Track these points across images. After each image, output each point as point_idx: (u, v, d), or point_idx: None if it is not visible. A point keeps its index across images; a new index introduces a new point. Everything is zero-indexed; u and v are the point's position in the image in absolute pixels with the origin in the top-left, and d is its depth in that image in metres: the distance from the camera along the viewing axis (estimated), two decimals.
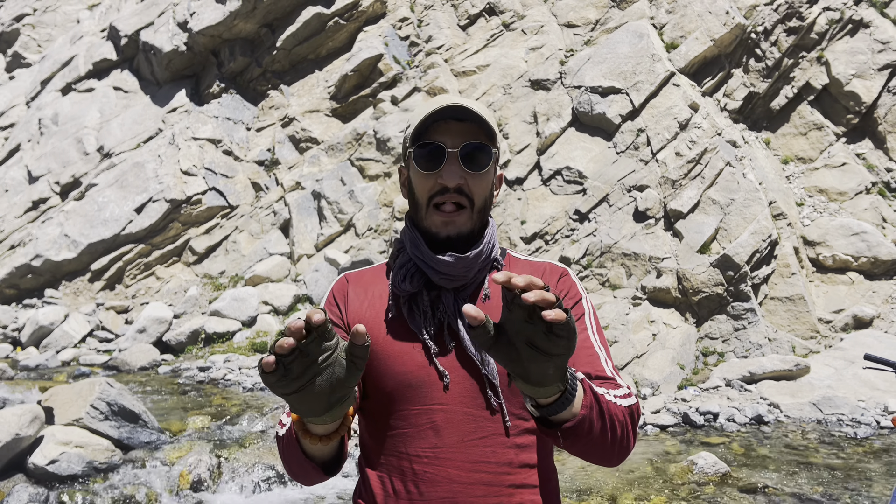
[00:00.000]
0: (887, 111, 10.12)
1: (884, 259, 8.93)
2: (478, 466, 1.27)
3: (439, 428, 1.27)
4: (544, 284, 0.92)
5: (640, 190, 9.84)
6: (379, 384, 1.31)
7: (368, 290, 1.41)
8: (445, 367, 1.29)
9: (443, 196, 1.31)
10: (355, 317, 1.37)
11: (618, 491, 4.95)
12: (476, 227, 1.35)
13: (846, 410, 6.55)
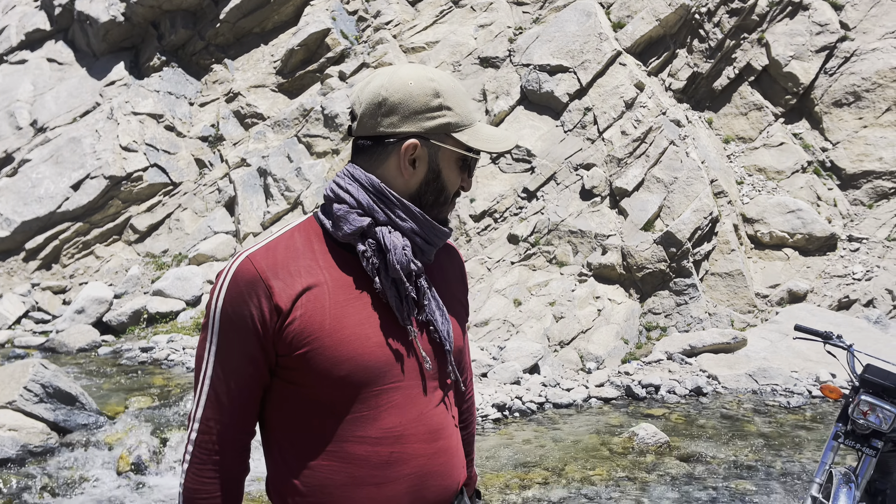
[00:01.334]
0: (823, 92, 10.43)
1: (817, 236, 9.26)
2: (437, 435, 1.29)
3: (399, 406, 1.25)
4: None
5: (587, 168, 9.96)
6: (332, 371, 1.20)
7: (301, 274, 1.23)
8: (402, 344, 1.27)
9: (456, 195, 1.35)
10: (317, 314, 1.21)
11: (561, 463, 5.05)
12: None
13: (780, 381, 6.81)
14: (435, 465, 1.29)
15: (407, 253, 1.25)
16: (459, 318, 1.41)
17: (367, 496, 1.24)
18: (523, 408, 6.37)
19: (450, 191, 1.31)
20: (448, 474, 1.32)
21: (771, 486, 4.58)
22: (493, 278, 9.52)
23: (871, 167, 9.93)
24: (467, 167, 1.33)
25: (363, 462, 1.23)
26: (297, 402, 1.26)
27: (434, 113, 1.26)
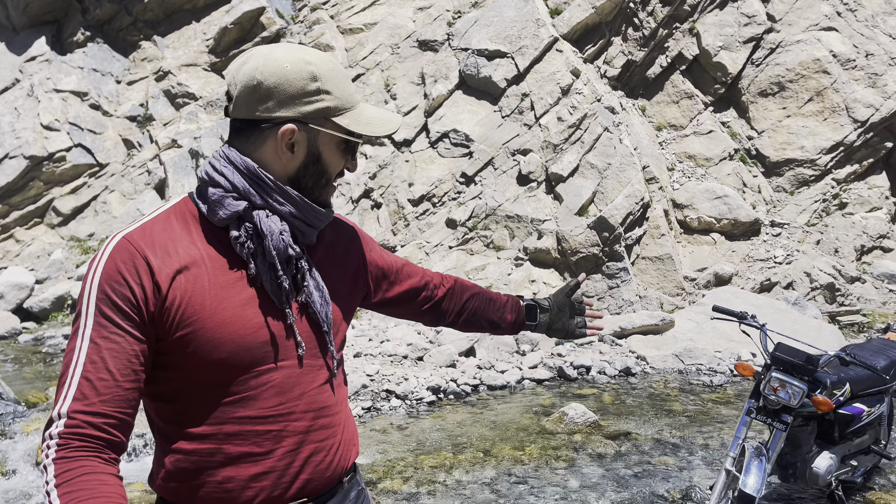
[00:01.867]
0: (750, 82, 10.78)
1: (743, 221, 9.60)
2: (320, 413, 1.30)
3: (279, 386, 1.25)
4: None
5: (524, 154, 10.05)
6: (212, 353, 1.18)
7: (179, 254, 1.20)
8: (283, 326, 1.26)
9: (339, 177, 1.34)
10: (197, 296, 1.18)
11: (492, 443, 5.12)
12: None
13: (704, 361, 7.06)
14: (317, 442, 1.29)
15: (284, 238, 1.23)
16: (344, 296, 1.40)
17: (247, 474, 1.23)
18: (458, 390, 6.43)
19: (331, 174, 1.30)
20: (334, 451, 1.33)
21: (692, 461, 4.76)
22: (430, 263, 9.54)
23: (793, 155, 10.34)
24: (351, 150, 1.31)
25: (243, 442, 1.22)
26: (174, 388, 1.22)
27: (311, 97, 1.23)
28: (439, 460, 4.77)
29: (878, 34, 10.84)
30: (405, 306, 1.63)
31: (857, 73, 10.48)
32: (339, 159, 1.30)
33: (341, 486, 1.37)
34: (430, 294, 1.66)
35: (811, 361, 3.41)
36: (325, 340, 1.31)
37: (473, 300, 1.73)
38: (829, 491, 3.91)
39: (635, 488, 4.34)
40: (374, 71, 11.30)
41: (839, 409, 3.71)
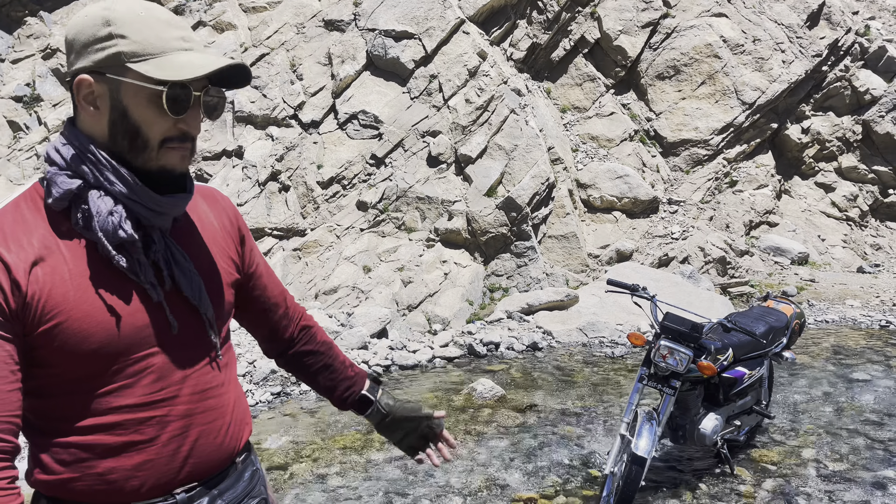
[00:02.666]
0: (648, 66, 11.21)
1: (642, 199, 10.02)
2: (205, 395, 1.27)
3: (159, 371, 1.21)
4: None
5: (433, 136, 10.10)
6: (82, 345, 1.13)
7: (34, 245, 1.12)
8: (154, 309, 1.21)
9: (180, 141, 1.17)
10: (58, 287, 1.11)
11: None
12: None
13: (607, 333, 7.37)
14: (204, 424, 1.26)
15: (114, 220, 1.13)
16: (222, 273, 1.34)
17: (130, 464, 1.19)
18: (369, 372, 6.45)
19: (148, 135, 1.14)
20: (223, 433, 1.30)
21: (594, 429, 4.99)
22: (342, 246, 9.49)
23: (688, 136, 10.86)
24: (178, 106, 1.14)
25: (124, 431, 1.18)
26: (48, 383, 1.16)
27: (103, 43, 1.12)
28: (349, 442, 4.81)
29: (765, 20, 11.48)
30: (252, 315, 1.52)
31: (745, 57, 11.08)
32: (158, 116, 1.14)
33: (234, 466, 1.35)
34: (283, 316, 1.55)
35: (696, 329, 3.64)
36: (201, 321, 1.27)
37: (319, 357, 1.59)
38: (716, 450, 4.19)
39: (540, 458, 4.51)
40: (279, 51, 11.05)
41: (723, 373, 3.97)
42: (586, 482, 4.14)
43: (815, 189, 11.38)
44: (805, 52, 11.26)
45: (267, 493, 1.42)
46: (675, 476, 4.18)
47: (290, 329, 1.56)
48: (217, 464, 1.30)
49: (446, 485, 4.12)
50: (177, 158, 1.17)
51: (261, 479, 1.42)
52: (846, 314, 8.34)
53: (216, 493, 1.29)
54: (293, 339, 1.56)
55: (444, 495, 3.96)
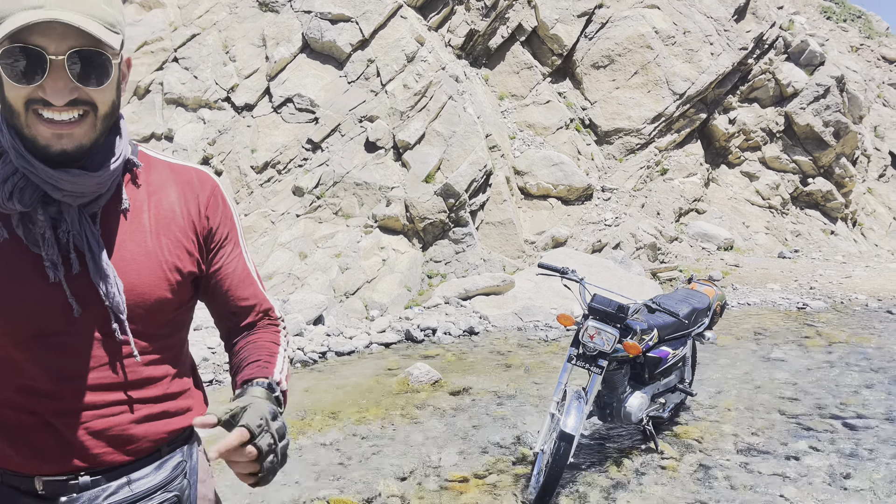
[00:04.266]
0: (584, 55, 11.40)
1: (577, 186, 10.22)
2: (116, 389, 1.23)
3: (73, 354, 1.18)
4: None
5: (371, 121, 10.04)
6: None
7: None
8: (73, 292, 1.16)
9: (48, 108, 1.07)
10: None
11: (338, 407, 5.19)
12: (101, 134, 1.14)
13: (541, 317, 7.51)
14: (112, 416, 1.23)
15: (7, 188, 1.10)
16: (154, 266, 1.25)
17: (27, 442, 1.19)
18: (305, 358, 6.41)
19: (10, 98, 1.08)
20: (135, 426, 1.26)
21: (526, 410, 5.09)
22: (277, 231, 9.35)
23: (621, 125, 11.11)
24: (25, 72, 1.05)
25: (14, 411, 1.18)
26: None
27: None
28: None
29: (695, 13, 11.82)
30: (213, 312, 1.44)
31: (676, 48, 11.39)
32: (17, 89, 1.06)
33: (154, 456, 1.31)
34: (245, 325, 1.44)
35: (622, 310, 3.75)
36: (107, 313, 1.20)
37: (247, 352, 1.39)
38: (642, 427, 4.34)
39: (474, 438, 4.58)
40: (211, 31, 10.75)
41: (648, 353, 4.11)
42: (518, 461, 4.23)
43: (740, 178, 11.83)
44: (732, 45, 11.65)
45: (192, 488, 1.36)
46: (602, 453, 4.31)
47: (241, 330, 1.44)
48: (129, 453, 1.26)
49: (380, 467, 4.14)
50: (47, 133, 1.08)
51: (188, 471, 1.37)
52: (767, 297, 8.72)
53: (125, 480, 1.26)
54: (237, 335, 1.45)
55: (379, 478, 3.98)
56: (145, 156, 1.30)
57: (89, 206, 1.17)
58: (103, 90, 1.11)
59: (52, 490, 1.20)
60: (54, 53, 1.04)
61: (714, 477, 4.00)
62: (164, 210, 1.27)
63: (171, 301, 1.27)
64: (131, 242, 1.23)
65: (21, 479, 1.20)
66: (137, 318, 1.22)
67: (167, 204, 1.28)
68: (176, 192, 1.30)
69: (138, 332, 1.23)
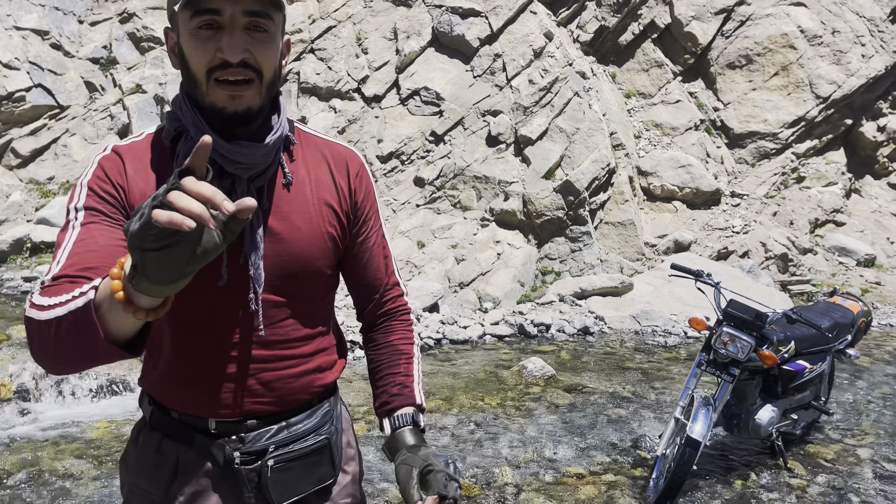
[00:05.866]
0: (719, 54, 10.93)
1: (704, 190, 9.82)
2: (278, 345, 1.34)
3: (241, 313, 1.29)
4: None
5: (494, 115, 10.08)
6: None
7: (149, 169, 1.25)
8: (230, 264, 1.26)
9: (225, 71, 1.16)
10: (140, 196, 1.22)
11: (454, 393, 5.27)
12: (265, 102, 1.23)
13: (660, 323, 7.30)
14: (267, 371, 1.33)
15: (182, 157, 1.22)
16: (308, 240, 1.33)
17: (201, 387, 1.31)
18: (421, 343, 6.55)
19: (194, 68, 1.18)
20: (290, 380, 1.37)
21: (644, 414, 4.97)
22: (398, 220, 9.59)
23: (756, 128, 10.57)
24: (209, 34, 1.16)
25: (206, 359, 1.30)
26: None
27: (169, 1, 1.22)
28: None
29: (846, 12, 11.05)
30: (349, 286, 1.52)
31: (822, 49, 10.69)
32: (199, 48, 1.17)
33: (306, 406, 1.41)
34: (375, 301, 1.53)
35: (760, 318, 3.59)
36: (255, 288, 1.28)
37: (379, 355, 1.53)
38: (770, 442, 4.14)
39: (589, 437, 4.53)
40: (346, 24, 11.14)
41: (783, 365, 3.91)
42: (635, 463, 4.14)
43: (887, 190, 10.96)
44: (886, 47, 10.80)
45: (338, 433, 1.47)
46: (726, 465, 4.15)
47: (375, 317, 1.54)
48: (287, 404, 1.38)
49: (496, 455, 4.17)
50: (223, 96, 1.17)
51: (335, 418, 1.48)
52: None
53: (285, 424, 1.38)
54: (370, 327, 1.56)
55: (495, 465, 4.02)
56: (300, 132, 1.40)
57: (257, 181, 1.26)
58: (268, 56, 1.20)
59: (223, 430, 1.33)
60: (230, 14, 1.15)
61: (848, 501, 3.76)
62: (321, 183, 1.36)
63: (328, 266, 1.37)
64: (296, 213, 1.31)
65: (196, 419, 1.34)
66: (299, 284, 1.33)
67: (323, 177, 1.37)
68: (329, 167, 1.38)
69: (300, 294, 1.34)
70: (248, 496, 1.33)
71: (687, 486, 3.73)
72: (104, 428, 4.46)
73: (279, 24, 1.21)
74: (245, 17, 1.15)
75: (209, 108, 1.19)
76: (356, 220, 1.42)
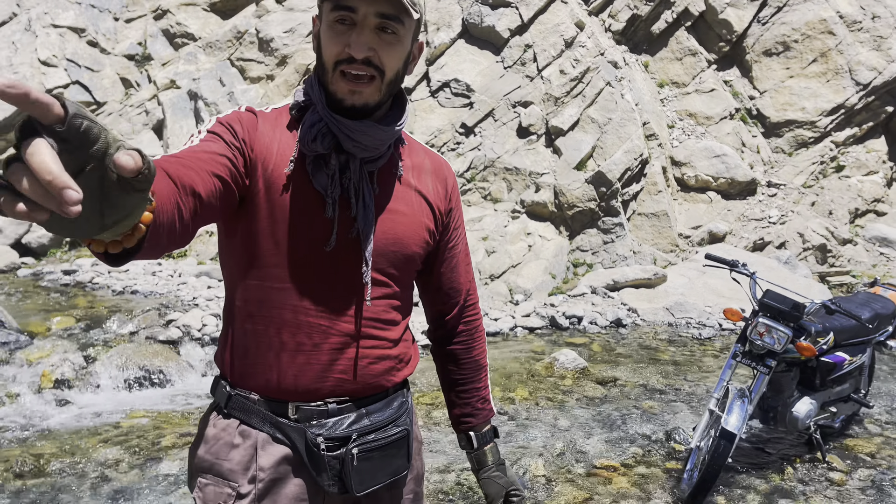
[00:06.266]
0: (755, 41, 10.70)
1: (739, 180, 9.65)
2: (368, 323, 1.36)
3: (338, 286, 1.32)
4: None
5: (525, 106, 10.01)
6: (284, 235, 1.28)
7: (276, 131, 1.31)
8: (339, 231, 1.30)
9: (349, 65, 1.22)
10: (263, 152, 1.27)
11: None
12: (384, 99, 1.28)
13: (694, 314, 7.19)
14: (361, 349, 1.35)
15: (313, 131, 1.27)
16: (406, 231, 1.39)
17: (294, 362, 1.31)
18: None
19: (325, 59, 1.25)
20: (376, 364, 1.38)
21: (677, 406, 4.91)
22: None
23: (793, 116, 10.33)
24: (344, 28, 1.22)
25: (292, 328, 1.31)
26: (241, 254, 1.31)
27: None
28: (432, 399, 4.91)
29: None
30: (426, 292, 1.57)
31: (862, 35, 10.41)
32: (332, 40, 1.23)
33: (385, 394, 1.42)
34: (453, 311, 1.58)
35: (797, 308, 3.51)
36: (366, 259, 1.32)
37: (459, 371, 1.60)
38: (808, 435, 4.06)
39: (622, 428, 4.49)
40: None
41: (822, 357, 3.83)
42: (668, 455, 4.09)
43: None
44: None
45: (411, 427, 1.48)
46: (762, 458, 4.08)
47: (454, 325, 1.58)
48: (367, 388, 1.38)
49: (527, 446, 4.16)
50: (344, 89, 1.23)
51: (408, 411, 1.49)
52: None
53: (364, 412, 1.37)
54: (451, 336, 1.59)
55: (525, 455, 4.01)
56: (407, 136, 1.48)
57: (368, 165, 1.33)
58: (393, 57, 1.25)
59: (303, 415, 1.33)
60: (363, 13, 1.20)
61: (889, 496, 3.67)
62: (424, 182, 1.44)
63: (420, 256, 1.43)
64: (401, 201, 1.38)
65: (276, 404, 1.33)
66: (397, 264, 1.38)
67: (425, 178, 1.44)
68: (431, 171, 1.46)
69: (394, 277, 1.39)
70: (327, 483, 1.33)
71: (721, 479, 3.68)
72: (141, 418, 4.55)
73: (410, 29, 1.27)
74: (376, 17, 1.21)
75: (331, 96, 1.26)
76: (447, 225, 1.49)
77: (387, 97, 1.29)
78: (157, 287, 7.49)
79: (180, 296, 7.13)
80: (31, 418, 4.53)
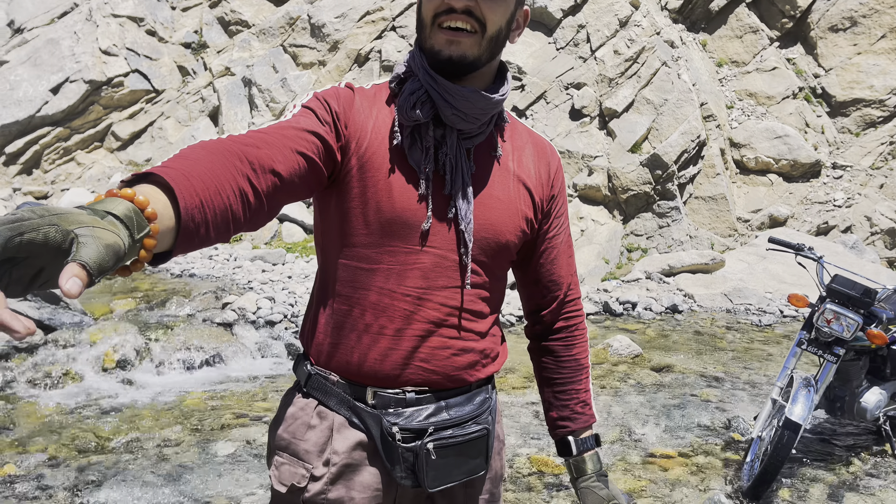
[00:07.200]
0: (821, 16, 10.25)
1: (803, 162, 9.29)
2: (454, 312, 1.29)
3: (427, 270, 1.26)
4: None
5: (578, 88, 9.83)
6: (375, 214, 1.23)
7: (373, 108, 1.26)
8: (433, 209, 1.24)
9: (448, 16, 1.17)
10: (357, 130, 1.23)
11: None
12: (483, 56, 1.20)
13: (754, 301, 6.97)
14: (443, 336, 1.29)
15: (412, 99, 1.22)
16: (505, 214, 1.32)
17: (377, 346, 1.27)
18: (502, 320, 6.51)
19: (424, 12, 1.21)
20: (461, 355, 1.31)
21: (736, 395, 4.76)
22: None
23: (861, 95, 9.88)
24: None
25: (376, 311, 1.26)
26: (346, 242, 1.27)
27: None
28: None
29: None
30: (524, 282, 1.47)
31: None
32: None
33: (467, 388, 1.36)
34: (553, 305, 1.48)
35: (868, 294, 3.34)
36: (465, 241, 1.27)
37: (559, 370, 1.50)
38: (877, 427, 3.89)
39: (678, 417, 4.38)
40: None
41: (893, 345, 3.65)
42: (727, 445, 3.98)
43: None
44: None
45: (493, 426, 1.41)
46: (827, 449, 3.92)
47: (552, 320, 1.49)
48: (448, 380, 1.32)
49: None
50: (442, 40, 1.18)
51: (491, 409, 1.41)
52: None
53: (444, 405, 1.31)
54: (549, 332, 1.50)
55: None
56: (511, 116, 1.40)
57: (465, 142, 1.27)
58: (495, 11, 1.19)
59: (381, 402, 1.28)
60: None
61: None
62: (524, 166, 1.35)
63: (515, 246, 1.34)
64: (498, 185, 1.30)
65: (356, 387, 1.29)
66: (488, 252, 1.30)
67: (526, 161, 1.36)
68: (533, 154, 1.37)
69: (484, 265, 1.30)
70: (400, 475, 1.28)
71: (784, 471, 3.55)
72: (200, 398, 4.65)
73: None
74: None
75: (429, 51, 1.20)
76: (548, 212, 1.40)
77: (487, 56, 1.21)
78: (214, 270, 7.65)
79: (236, 279, 7.27)
80: (94, 397, 4.68)
